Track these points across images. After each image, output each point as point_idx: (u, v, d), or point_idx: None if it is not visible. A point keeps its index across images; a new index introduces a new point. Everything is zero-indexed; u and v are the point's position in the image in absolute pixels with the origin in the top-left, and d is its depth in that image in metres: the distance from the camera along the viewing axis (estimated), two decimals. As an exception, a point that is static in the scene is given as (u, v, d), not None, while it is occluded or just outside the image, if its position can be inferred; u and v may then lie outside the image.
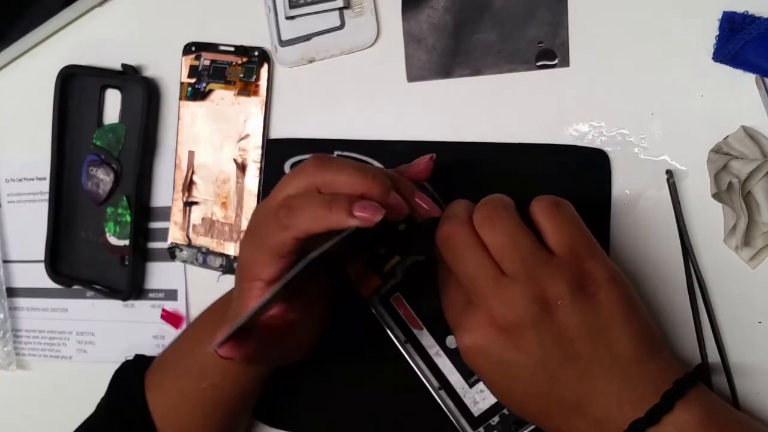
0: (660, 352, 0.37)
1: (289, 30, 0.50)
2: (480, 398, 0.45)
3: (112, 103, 0.54)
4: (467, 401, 0.45)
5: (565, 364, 0.36)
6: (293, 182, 0.39)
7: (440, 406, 0.45)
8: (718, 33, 0.43)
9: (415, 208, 0.40)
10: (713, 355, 0.44)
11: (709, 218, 0.43)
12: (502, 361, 0.37)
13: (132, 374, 0.49)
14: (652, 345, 0.37)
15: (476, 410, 0.45)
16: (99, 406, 0.49)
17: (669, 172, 0.44)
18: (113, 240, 0.54)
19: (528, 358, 0.36)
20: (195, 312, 0.53)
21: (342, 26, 0.49)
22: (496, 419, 0.45)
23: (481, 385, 0.45)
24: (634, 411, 0.35)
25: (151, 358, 0.50)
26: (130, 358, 0.51)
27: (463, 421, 0.45)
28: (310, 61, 0.49)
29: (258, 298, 0.38)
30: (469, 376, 0.45)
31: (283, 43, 0.50)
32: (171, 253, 0.53)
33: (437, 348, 0.46)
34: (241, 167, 0.51)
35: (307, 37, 0.49)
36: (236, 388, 0.46)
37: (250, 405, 0.49)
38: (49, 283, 0.56)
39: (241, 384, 0.46)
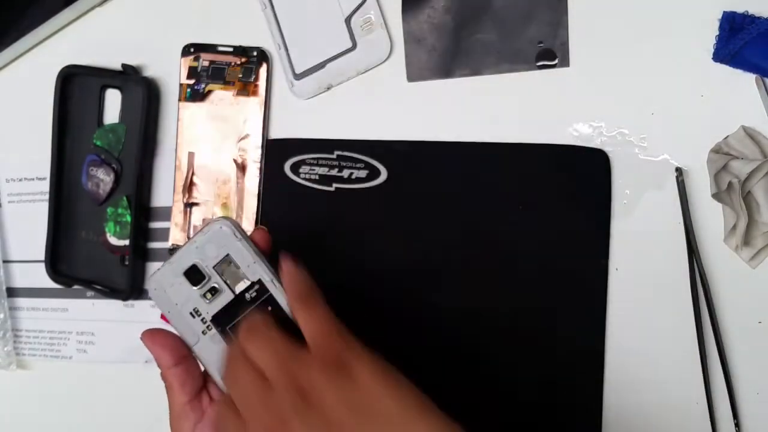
0: (432, 410, 0.37)
1: (302, 61, 0.50)
2: None
3: (112, 103, 0.54)
4: None
5: None
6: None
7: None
8: (718, 33, 0.43)
9: None
10: (713, 355, 0.44)
11: (708, 218, 0.43)
12: None
13: None
14: (420, 405, 0.36)
15: None
16: None
17: (678, 170, 0.43)
18: (113, 240, 0.54)
19: None
20: (195, 312, 0.53)
21: (354, 47, 0.49)
22: None
23: None
24: None
25: None
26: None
27: None
28: (328, 88, 0.49)
29: None
30: None
31: (298, 76, 0.50)
32: (172, 254, 0.53)
33: None
34: (241, 167, 0.51)
35: (321, 65, 0.49)
36: None
37: None
38: (49, 283, 0.56)
39: None
